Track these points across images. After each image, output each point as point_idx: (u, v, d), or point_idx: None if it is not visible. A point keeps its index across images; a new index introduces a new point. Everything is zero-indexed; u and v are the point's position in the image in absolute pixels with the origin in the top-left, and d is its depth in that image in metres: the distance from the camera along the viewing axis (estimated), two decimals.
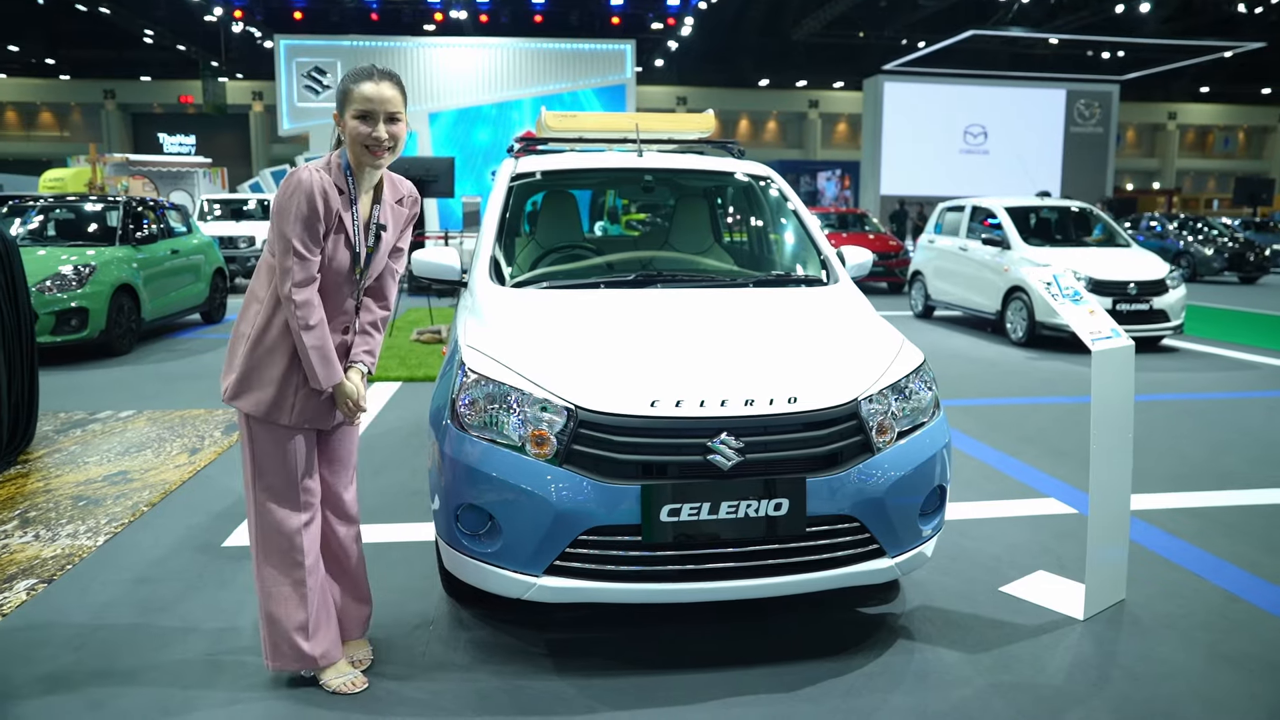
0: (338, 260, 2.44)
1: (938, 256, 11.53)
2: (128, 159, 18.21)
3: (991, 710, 2.57)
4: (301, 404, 2.46)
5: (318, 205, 2.35)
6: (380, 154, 2.42)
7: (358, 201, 2.47)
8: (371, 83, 2.38)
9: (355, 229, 2.46)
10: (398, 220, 2.60)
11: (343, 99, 2.42)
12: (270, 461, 2.49)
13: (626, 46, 24.61)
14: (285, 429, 2.48)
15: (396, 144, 2.43)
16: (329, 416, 2.54)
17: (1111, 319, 3.26)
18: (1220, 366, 8.35)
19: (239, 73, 35.81)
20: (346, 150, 2.46)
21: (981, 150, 28.97)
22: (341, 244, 2.44)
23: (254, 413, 2.45)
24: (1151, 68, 31.69)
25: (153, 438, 5.47)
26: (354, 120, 2.39)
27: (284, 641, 2.55)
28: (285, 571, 2.52)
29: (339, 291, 2.50)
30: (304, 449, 2.52)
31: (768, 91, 40.83)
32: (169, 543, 3.80)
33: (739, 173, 4.36)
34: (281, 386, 2.44)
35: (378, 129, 2.38)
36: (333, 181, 2.41)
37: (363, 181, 2.50)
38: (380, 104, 2.38)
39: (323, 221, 2.37)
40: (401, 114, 2.43)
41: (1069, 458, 5.14)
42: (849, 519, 2.68)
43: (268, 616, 2.55)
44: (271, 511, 2.51)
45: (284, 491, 2.50)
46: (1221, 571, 3.54)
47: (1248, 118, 44.82)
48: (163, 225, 9.83)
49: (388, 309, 2.67)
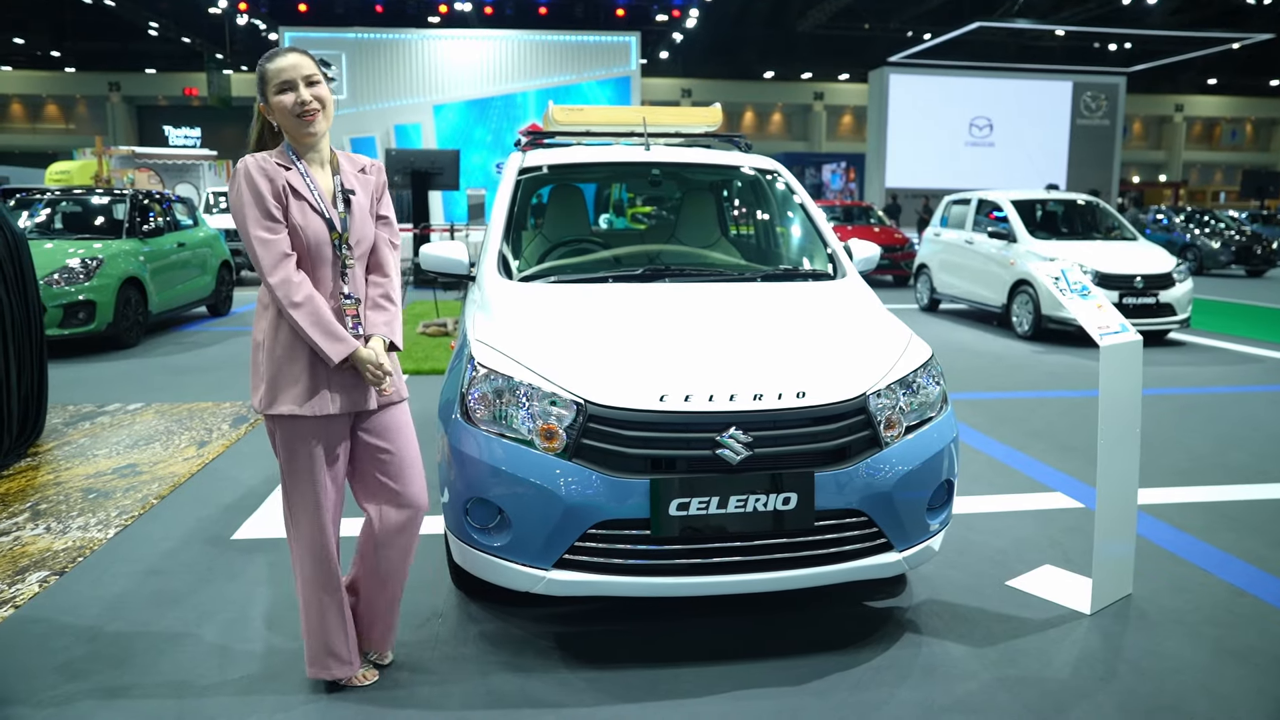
0: (311, 229, 2.38)
1: (944, 250, 11.51)
2: (134, 152, 18.19)
3: (998, 704, 2.58)
4: (338, 389, 2.42)
5: (258, 184, 2.33)
6: (312, 118, 2.38)
7: (308, 173, 2.43)
8: (281, 57, 2.38)
9: (316, 195, 2.41)
10: (365, 186, 2.54)
11: (261, 85, 2.41)
12: (301, 474, 2.45)
13: (631, 39, 24.53)
14: (318, 428, 2.42)
15: (325, 105, 2.40)
16: (369, 393, 2.47)
17: (1119, 314, 3.26)
18: (1227, 360, 8.33)
19: (244, 65, 35.77)
20: (285, 138, 2.45)
21: (987, 143, 28.85)
22: (309, 212, 2.38)
23: (297, 410, 2.38)
24: (1158, 59, 31.53)
25: (161, 430, 5.50)
26: (277, 96, 2.37)
27: (322, 652, 2.56)
28: (320, 583, 2.51)
29: (324, 263, 2.42)
30: (335, 451, 2.47)
31: (773, 84, 40.73)
32: (179, 535, 3.83)
33: (746, 166, 4.36)
34: (312, 378, 2.40)
35: (300, 93, 2.36)
36: (274, 161, 2.39)
37: (310, 156, 2.46)
38: (294, 70, 2.36)
39: (270, 197, 2.33)
40: (318, 77, 2.40)
41: (1076, 452, 5.14)
42: (857, 513, 2.69)
43: (307, 627, 2.55)
44: (303, 524, 2.49)
45: (314, 504, 2.47)
46: (1228, 566, 3.55)
47: (1255, 110, 44.59)
48: (169, 218, 9.85)
49: (387, 277, 2.57)
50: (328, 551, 2.51)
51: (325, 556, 2.50)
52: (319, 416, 2.41)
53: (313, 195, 2.41)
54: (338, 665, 2.57)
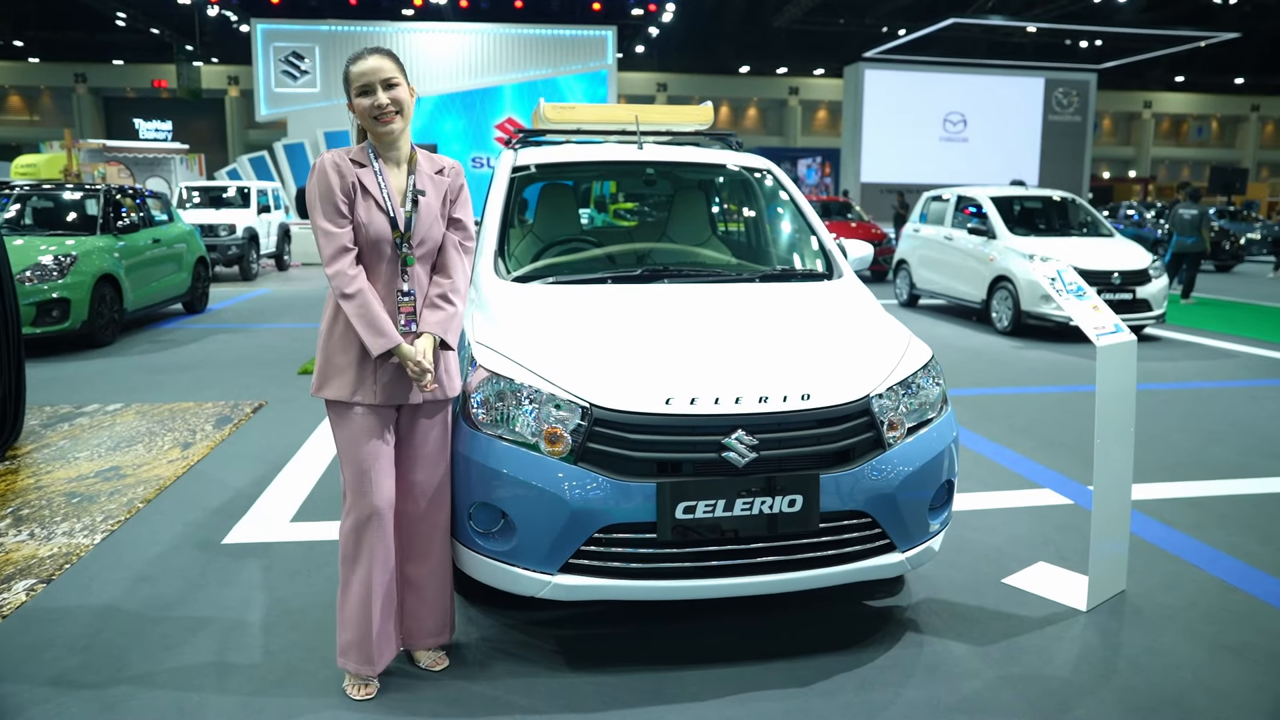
0: (374, 226, 2.48)
1: (923, 245, 11.60)
2: (104, 145, 17.88)
3: (1002, 702, 2.60)
4: (382, 381, 2.50)
5: (330, 179, 2.46)
6: (389, 119, 2.50)
7: (383, 172, 2.53)
8: (364, 60, 2.52)
9: (385, 194, 2.51)
10: (438, 188, 2.63)
11: (346, 86, 2.55)
12: (347, 456, 2.53)
13: (608, 33, 24.49)
14: (363, 417, 2.50)
15: (402, 108, 2.53)
16: (410, 389, 2.54)
17: (1114, 313, 3.29)
18: (1202, 355, 8.47)
19: (214, 57, 35.27)
20: (369, 136, 2.58)
21: (961, 138, 29.06)
22: (374, 209, 2.49)
23: (341, 397, 2.49)
24: (1128, 56, 31.91)
25: (143, 432, 5.40)
26: (358, 98, 2.52)
27: (348, 643, 2.57)
28: (354, 569, 2.55)
29: (383, 259, 2.51)
30: (378, 443, 2.52)
31: (748, 78, 40.75)
32: (168, 540, 3.76)
33: (739, 165, 4.35)
34: (360, 366, 2.49)
35: (378, 97, 2.48)
36: (351, 158, 2.53)
37: (387, 155, 2.57)
38: (374, 74, 2.49)
39: (339, 192, 2.47)
40: (398, 79, 2.53)
41: (1063, 448, 5.20)
42: (861, 514, 2.70)
43: (340, 616, 2.59)
44: (350, 510, 2.54)
45: (357, 489, 2.52)
46: (1218, 562, 3.60)
47: (1221, 107, 45.27)
48: (144, 214, 9.68)
49: (450, 279, 2.62)
50: (368, 537, 2.52)
51: (365, 541, 2.52)
52: (360, 404, 2.50)
53: (381, 193, 2.52)
54: (360, 661, 2.56)
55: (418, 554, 2.67)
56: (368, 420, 2.51)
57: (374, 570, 2.54)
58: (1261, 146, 45.87)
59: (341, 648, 2.59)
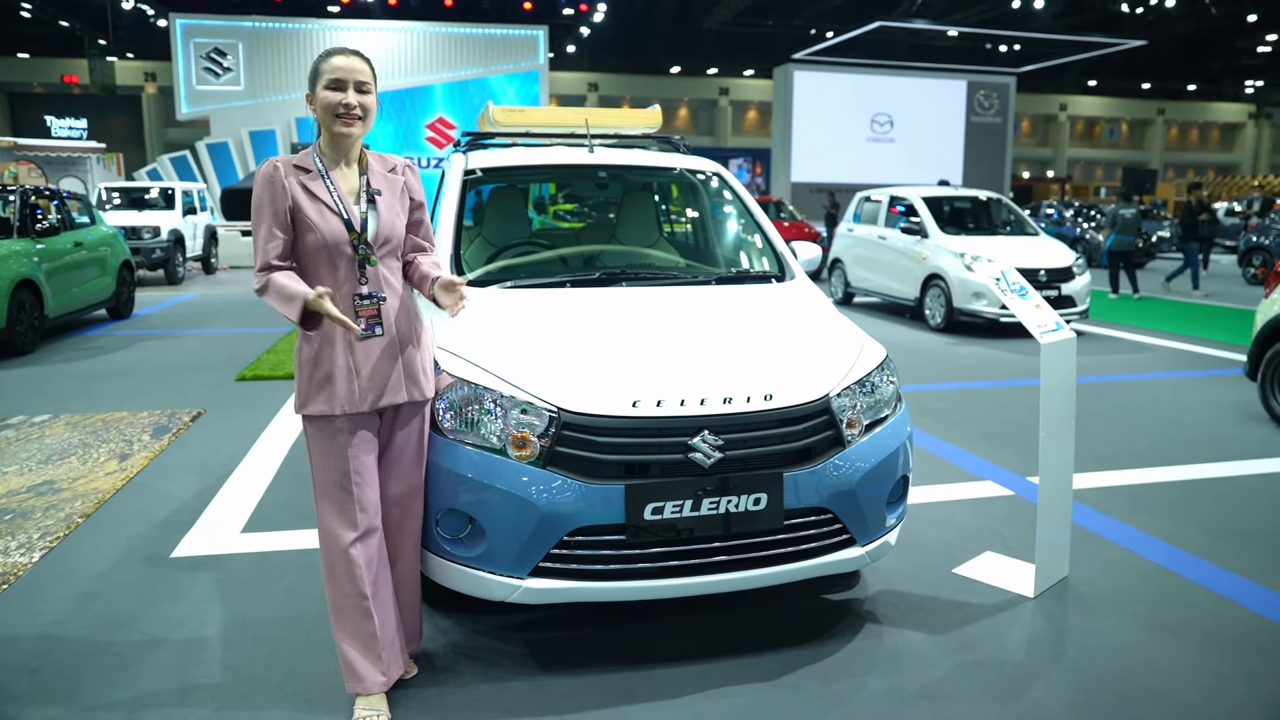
0: (328, 229, 2.43)
1: (857, 244, 11.85)
2: (15, 144, 17.10)
3: (962, 689, 2.70)
4: (364, 384, 2.46)
5: (268, 189, 2.42)
6: (351, 122, 2.45)
7: (330, 174, 2.48)
8: (343, 56, 2.47)
9: (336, 197, 2.46)
10: (393, 187, 2.58)
11: (314, 76, 2.49)
12: (327, 472, 2.47)
13: (539, 32, 24.36)
14: (346, 433, 2.45)
15: (367, 114, 2.48)
16: (399, 388, 2.51)
17: (1055, 311, 3.43)
18: (1124, 349, 8.84)
19: (129, 52, 33.97)
20: (321, 134, 2.53)
21: (888, 138, 29.71)
22: (326, 213, 2.44)
23: (328, 410, 2.43)
24: (1044, 61, 33.10)
25: (75, 444, 5.21)
26: (325, 91, 2.44)
27: (356, 662, 2.50)
28: (346, 589, 2.48)
29: (339, 263, 2.46)
30: (363, 458, 2.48)
31: (679, 78, 41.01)
32: (113, 555, 3.65)
33: (689, 168, 4.40)
34: (340, 378, 2.44)
35: (348, 95, 2.44)
36: (295, 164, 2.48)
37: (336, 157, 2.52)
38: (350, 73, 2.45)
39: (272, 202, 2.41)
40: (370, 86, 2.49)
41: (1000, 441, 5.39)
42: (823, 511, 2.77)
43: (337, 637, 2.52)
44: (329, 526, 2.48)
45: (339, 505, 2.47)
46: (1151, 547, 3.79)
47: (1130, 110, 47.26)
48: (63, 215, 9.31)
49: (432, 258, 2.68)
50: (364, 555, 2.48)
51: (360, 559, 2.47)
52: (346, 417, 2.46)
53: (332, 197, 2.46)
54: (353, 679, 2.51)
55: (390, 563, 2.64)
56: (352, 434, 2.46)
57: (379, 586, 2.52)
58: (1167, 148, 48.05)
59: (358, 673, 2.50)
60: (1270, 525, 4.04)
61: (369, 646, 2.50)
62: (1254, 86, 44.29)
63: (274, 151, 21.60)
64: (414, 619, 2.75)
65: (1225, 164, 48.89)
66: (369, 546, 2.49)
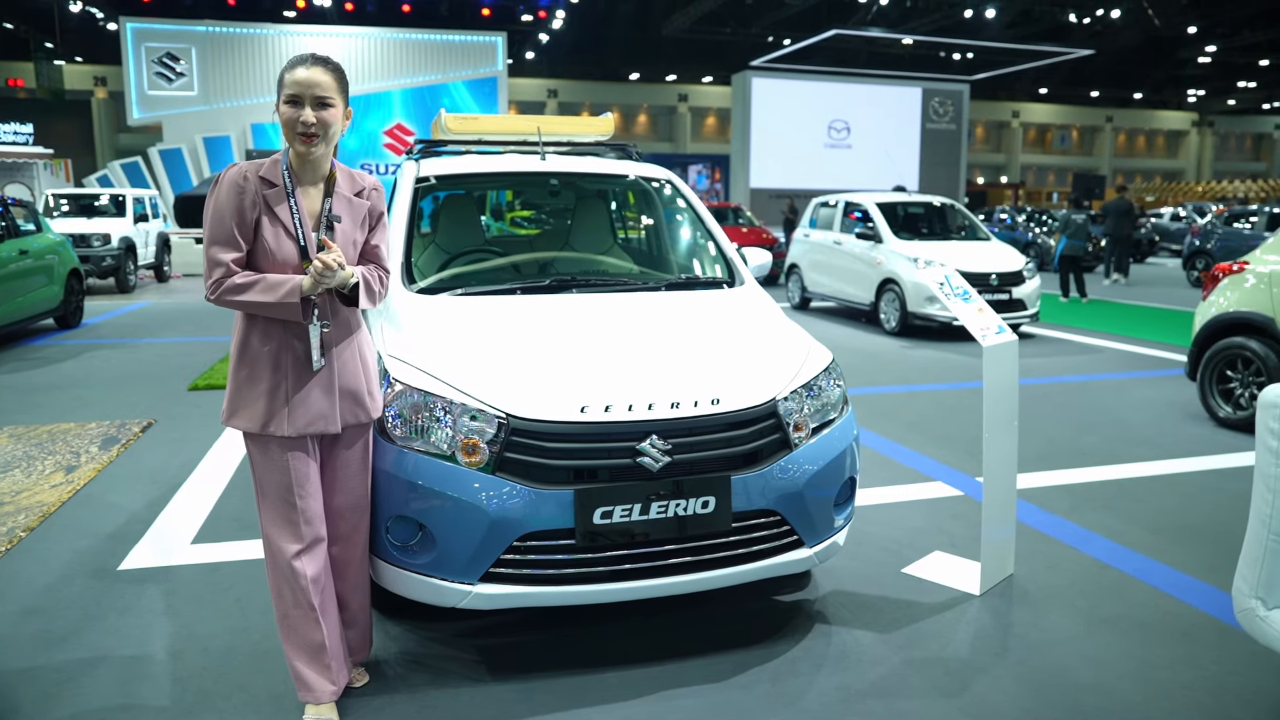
0: (281, 253, 2.35)
1: (813, 250, 11.99)
2: None
3: (909, 685, 2.76)
4: (295, 411, 2.38)
5: (230, 199, 2.31)
6: (310, 140, 2.34)
7: (295, 193, 2.38)
8: (304, 68, 2.34)
9: (296, 219, 2.37)
10: (355, 213, 2.49)
11: (278, 87, 2.38)
12: (268, 484, 2.42)
13: (498, 39, 24.32)
14: (282, 447, 2.39)
15: (327, 131, 2.36)
16: (331, 418, 2.44)
17: (997, 315, 3.52)
18: (1072, 351, 9.05)
19: (78, 56, 33.31)
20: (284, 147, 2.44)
21: (845, 145, 30.11)
22: (282, 235, 2.35)
23: (251, 428, 2.37)
24: (997, 69, 33.80)
25: (19, 456, 5.10)
26: (284, 105, 2.34)
27: (305, 672, 2.48)
28: (292, 600, 2.45)
29: None
30: (304, 470, 2.42)
31: (638, 85, 41.18)
32: (57, 569, 3.58)
33: (640, 175, 4.44)
34: (271, 396, 2.36)
35: (304, 113, 2.32)
36: (262, 174, 2.37)
37: (304, 173, 2.43)
38: (308, 88, 2.32)
39: (238, 213, 2.31)
40: (333, 99, 2.36)
41: (950, 442, 5.49)
42: (771, 513, 2.82)
43: (286, 648, 2.49)
44: (272, 538, 2.44)
45: (283, 517, 2.42)
46: (1092, 543, 3.89)
47: (1080, 118, 48.38)
48: (8, 223, 9.11)
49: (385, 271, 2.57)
50: (308, 569, 2.45)
51: (305, 572, 2.44)
52: (273, 436, 2.39)
53: (292, 219, 2.36)
54: (304, 688, 2.49)
55: (338, 573, 2.63)
56: (287, 450, 2.40)
57: (325, 599, 2.50)
58: (1116, 154, 49.23)
59: (307, 683, 2.49)
60: (1206, 520, 4.17)
61: (317, 657, 2.48)
62: (1195, 96, 45.61)
63: (229, 158, 21.27)
64: (364, 627, 2.74)
65: (1171, 170, 50.28)
66: (315, 557, 2.47)
